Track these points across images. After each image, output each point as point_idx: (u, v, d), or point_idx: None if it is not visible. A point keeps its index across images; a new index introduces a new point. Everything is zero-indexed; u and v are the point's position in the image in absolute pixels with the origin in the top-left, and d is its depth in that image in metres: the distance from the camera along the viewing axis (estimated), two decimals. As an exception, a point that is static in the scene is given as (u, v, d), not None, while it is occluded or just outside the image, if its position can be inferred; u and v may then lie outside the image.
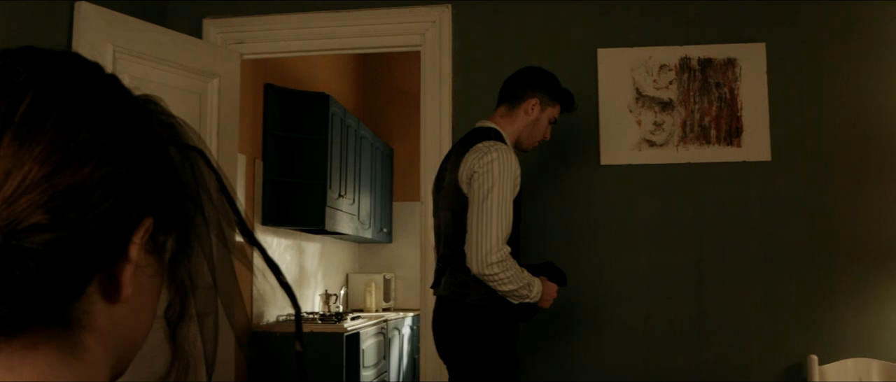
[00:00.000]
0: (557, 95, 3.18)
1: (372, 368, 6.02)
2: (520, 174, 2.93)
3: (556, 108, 3.19)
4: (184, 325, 0.82)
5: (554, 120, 3.19)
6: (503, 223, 2.82)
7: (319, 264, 6.65)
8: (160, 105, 0.79)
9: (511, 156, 2.90)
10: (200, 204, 0.81)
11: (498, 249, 2.80)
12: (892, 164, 3.91)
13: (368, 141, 6.91)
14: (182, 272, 0.80)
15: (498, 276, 2.81)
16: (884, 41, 3.96)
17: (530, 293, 2.90)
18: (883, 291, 3.86)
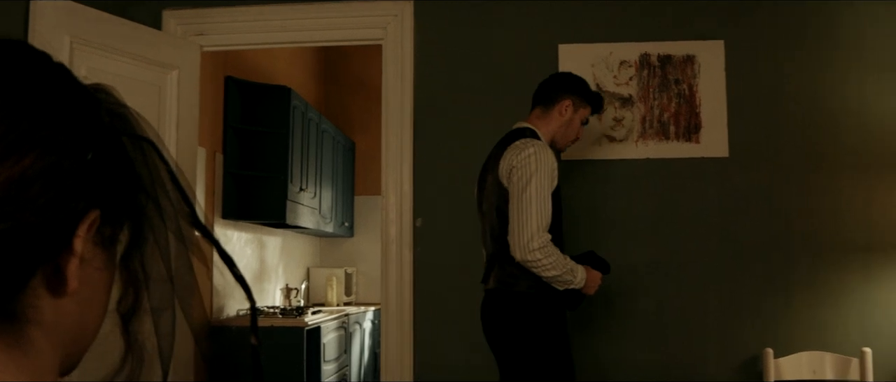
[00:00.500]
0: (589, 98, 3.33)
1: (333, 362, 6.01)
2: (557, 168, 3.08)
3: (588, 110, 3.33)
4: (137, 319, 0.80)
5: (585, 120, 3.34)
6: (543, 212, 2.97)
7: (280, 258, 6.62)
8: (111, 94, 0.77)
9: (548, 151, 3.07)
10: (154, 195, 0.79)
11: (539, 236, 2.94)
12: (846, 162, 3.97)
13: (330, 134, 6.88)
14: (135, 264, 0.78)
15: (541, 262, 2.95)
16: (839, 40, 4.02)
17: (574, 278, 3.04)
18: (836, 286, 3.92)
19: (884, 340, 3.84)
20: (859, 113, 4.00)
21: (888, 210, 3.95)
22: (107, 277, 0.75)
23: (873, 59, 4.01)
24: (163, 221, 0.81)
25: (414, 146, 4.05)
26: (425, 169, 4.05)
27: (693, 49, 3.98)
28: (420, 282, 4.01)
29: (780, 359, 3.72)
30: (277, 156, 5.66)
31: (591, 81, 3.97)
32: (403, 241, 4.00)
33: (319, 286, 7.33)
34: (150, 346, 0.83)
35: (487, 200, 3.23)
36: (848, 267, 3.93)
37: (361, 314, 6.97)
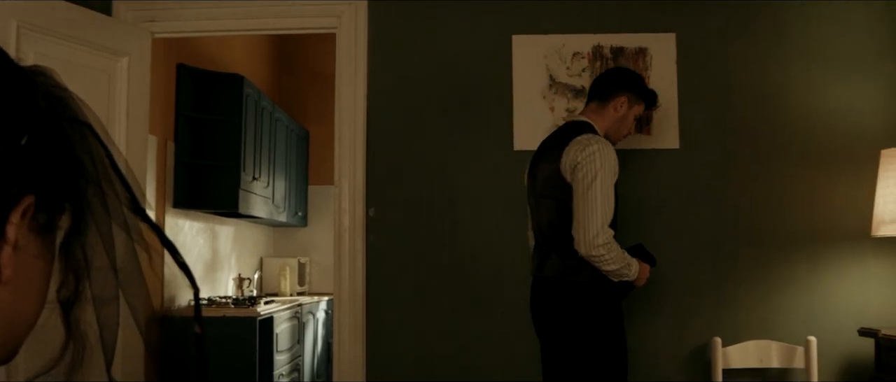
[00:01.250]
0: (643, 94, 3.39)
1: (286, 352, 5.98)
2: (617, 163, 3.16)
3: (642, 106, 3.41)
4: (79, 307, 0.79)
5: (638, 116, 3.41)
6: (607, 209, 3.08)
7: (233, 248, 6.57)
8: (51, 77, 0.75)
9: (609, 147, 3.16)
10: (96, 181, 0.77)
11: (603, 232, 3.06)
12: (793, 155, 4.05)
13: (283, 123, 6.84)
14: (76, 252, 0.76)
15: (604, 257, 3.07)
16: (788, 36, 4.09)
17: (630, 272, 3.15)
18: (782, 276, 4.00)
19: (828, 329, 3.93)
20: (805, 107, 4.07)
21: (833, 202, 4.03)
22: (44, 265, 0.73)
23: (819, 54, 4.09)
24: (106, 208, 0.79)
25: (367, 135, 4.05)
26: (378, 158, 4.05)
27: (645, 41, 4.02)
28: (373, 272, 4.01)
29: (727, 348, 3.78)
30: (230, 144, 5.60)
31: (544, 72, 4.00)
32: (356, 231, 4.00)
33: (272, 276, 7.29)
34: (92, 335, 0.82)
35: (542, 190, 3.32)
36: (794, 258, 4.01)
37: (315, 304, 6.95)
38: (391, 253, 4.02)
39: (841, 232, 4.02)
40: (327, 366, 7.09)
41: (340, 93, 4.08)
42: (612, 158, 3.13)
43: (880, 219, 3.62)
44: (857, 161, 4.01)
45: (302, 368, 6.48)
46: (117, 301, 0.85)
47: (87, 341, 0.81)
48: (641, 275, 3.24)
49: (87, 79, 3.78)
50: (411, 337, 3.99)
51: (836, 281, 4.02)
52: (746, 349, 3.80)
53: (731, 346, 3.79)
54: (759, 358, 3.80)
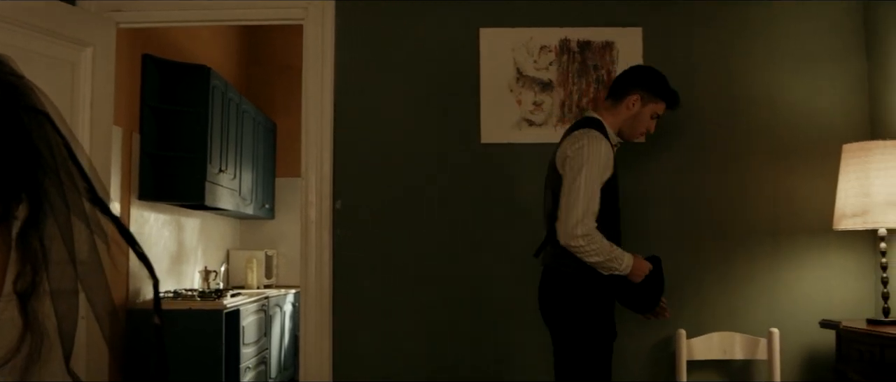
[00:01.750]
0: (659, 93, 3.38)
1: (252, 345, 5.96)
2: (611, 161, 3.22)
3: (660, 104, 3.39)
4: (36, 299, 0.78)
5: (657, 114, 3.40)
6: (589, 201, 3.13)
7: (199, 240, 6.53)
8: (6, 64, 0.74)
9: (601, 143, 3.21)
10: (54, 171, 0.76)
11: (582, 224, 3.10)
12: (757, 149, 4.09)
13: (250, 115, 6.80)
14: (33, 242, 0.75)
15: (583, 249, 3.12)
16: (753, 31, 4.13)
17: (619, 266, 3.18)
18: (746, 269, 4.05)
19: (790, 321, 3.98)
20: (769, 101, 4.11)
21: (796, 196, 4.08)
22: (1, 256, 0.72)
23: (783, 49, 4.13)
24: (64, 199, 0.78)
25: (334, 128, 4.03)
26: (346, 151, 4.04)
27: (612, 35, 4.05)
28: (340, 265, 4.00)
29: (692, 340, 3.82)
30: (196, 136, 5.57)
31: (511, 65, 4.01)
32: (323, 223, 3.99)
33: (239, 268, 7.25)
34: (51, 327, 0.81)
35: (546, 182, 3.44)
36: (757, 251, 4.06)
37: (282, 296, 6.93)
38: (358, 246, 4.02)
39: (803, 225, 4.07)
40: (294, 359, 7.07)
41: (307, 85, 4.06)
42: (601, 153, 3.19)
43: (841, 213, 3.66)
44: (819, 155, 4.06)
45: (269, 361, 6.46)
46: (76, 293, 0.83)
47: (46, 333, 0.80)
48: (637, 271, 3.24)
49: (50, 69, 3.74)
50: (378, 330, 3.99)
51: (799, 274, 4.07)
52: (710, 341, 3.84)
53: (696, 338, 3.83)
54: (723, 350, 3.85)
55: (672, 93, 3.41)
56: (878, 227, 3.57)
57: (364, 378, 3.97)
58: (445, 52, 4.07)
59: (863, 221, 3.57)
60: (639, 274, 3.26)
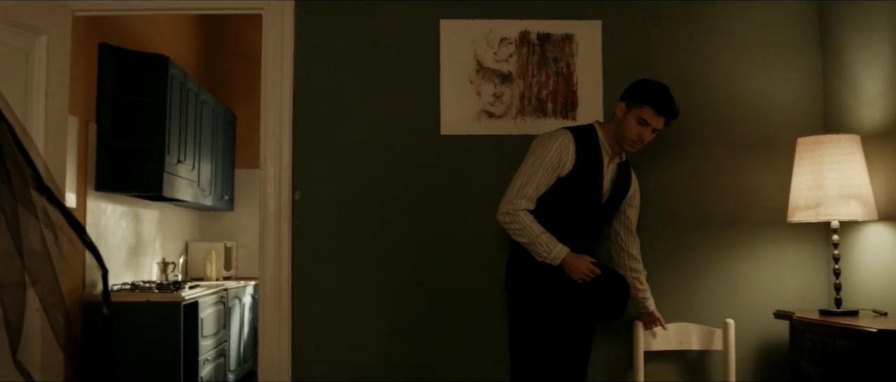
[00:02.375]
0: (641, 97, 3.46)
1: (211, 338, 5.92)
2: (569, 159, 3.42)
3: (644, 109, 3.44)
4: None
5: (643, 120, 3.43)
6: (527, 184, 3.40)
7: (157, 232, 6.46)
8: None
9: (556, 139, 3.44)
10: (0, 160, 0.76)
11: (511, 202, 3.41)
12: (714, 141, 4.14)
13: (210, 106, 6.74)
14: None
15: (508, 225, 3.42)
16: (710, 25, 4.18)
17: (547, 254, 3.38)
18: (702, 260, 4.10)
19: (745, 312, 4.04)
20: (726, 95, 4.16)
21: (752, 189, 4.14)
22: None
23: (740, 44, 4.18)
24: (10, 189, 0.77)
25: (293, 118, 4.01)
26: (305, 141, 4.02)
27: (571, 28, 4.07)
28: (299, 256, 3.99)
29: (649, 331, 3.85)
30: (154, 126, 5.51)
31: (471, 57, 4.01)
32: (282, 214, 3.97)
33: (198, 260, 7.19)
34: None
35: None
36: (713, 242, 4.11)
37: (241, 288, 6.89)
38: (318, 237, 4.00)
39: (759, 217, 4.12)
40: (254, 351, 7.03)
41: (267, 75, 4.04)
42: (552, 147, 3.41)
43: (795, 206, 3.72)
44: (774, 148, 4.12)
45: (228, 353, 6.42)
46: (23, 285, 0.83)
47: (-7, 323, 0.79)
48: (572, 266, 3.40)
49: (3, 56, 3.68)
50: (337, 321, 3.98)
51: (754, 266, 4.13)
52: (667, 332, 3.88)
53: (653, 329, 3.86)
54: (680, 341, 3.89)
55: (655, 98, 3.44)
56: (831, 220, 3.63)
57: (323, 370, 3.96)
58: (406, 43, 4.07)
59: (816, 214, 3.62)
60: (573, 270, 3.40)
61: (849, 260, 3.95)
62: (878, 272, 3.76)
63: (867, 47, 3.84)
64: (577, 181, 3.44)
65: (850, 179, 3.58)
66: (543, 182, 3.42)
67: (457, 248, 4.02)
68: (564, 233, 3.41)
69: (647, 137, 3.48)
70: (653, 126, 3.45)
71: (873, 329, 3.12)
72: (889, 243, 3.68)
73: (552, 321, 3.43)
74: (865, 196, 3.60)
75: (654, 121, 3.44)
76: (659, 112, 3.43)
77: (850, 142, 3.65)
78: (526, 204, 3.41)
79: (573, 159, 3.42)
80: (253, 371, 7.05)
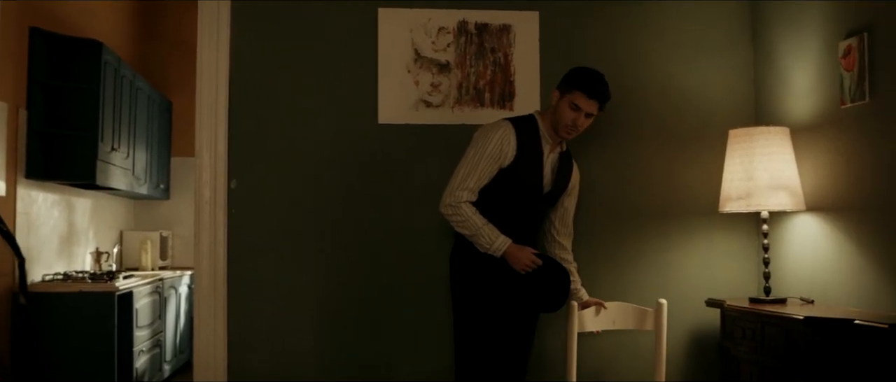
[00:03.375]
0: (573, 83, 3.46)
1: (146, 328, 5.84)
2: (510, 149, 3.43)
3: (576, 94, 3.43)
4: None
5: (576, 106, 3.43)
6: (466, 176, 3.41)
7: (90, 221, 6.35)
8: None
9: (496, 131, 3.45)
10: None
11: (452, 194, 3.42)
12: (649, 133, 4.20)
13: (145, 92, 6.63)
14: None
15: (450, 217, 3.43)
16: (647, 20, 4.24)
17: (489, 246, 3.39)
18: (636, 249, 4.17)
19: (678, 299, 4.11)
20: (662, 87, 4.22)
21: (685, 179, 4.21)
22: None
23: (674, 38, 4.25)
24: None
25: (229, 106, 3.96)
26: (241, 129, 3.97)
27: (509, 19, 4.09)
28: (234, 245, 3.95)
29: (584, 311, 3.85)
30: (87, 113, 5.40)
31: (409, 46, 4.00)
32: (217, 203, 3.92)
33: (133, 250, 7.08)
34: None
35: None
36: (647, 231, 4.18)
37: (177, 278, 6.80)
38: (254, 227, 3.97)
39: (691, 207, 4.20)
40: (190, 342, 6.95)
41: (202, 62, 3.98)
42: (493, 139, 3.43)
43: (727, 196, 3.79)
44: (707, 140, 4.19)
45: (163, 344, 6.34)
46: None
47: None
48: (514, 258, 3.41)
49: (-72, 40, 3.58)
50: (274, 312, 3.95)
51: (687, 255, 4.20)
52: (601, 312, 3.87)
53: (589, 309, 3.86)
54: (613, 320, 3.87)
55: (586, 81, 3.45)
56: (761, 210, 3.71)
57: (260, 360, 3.94)
58: (343, 32, 4.04)
59: (746, 204, 3.70)
60: (515, 261, 3.41)
61: (778, 249, 4.04)
62: (805, 261, 3.86)
63: (796, 43, 3.93)
64: (519, 172, 3.46)
65: (779, 170, 3.66)
66: (485, 173, 3.43)
67: (395, 238, 4.02)
68: (507, 224, 3.43)
69: (582, 122, 3.47)
70: (585, 110, 3.44)
71: (800, 317, 3.19)
72: (816, 232, 3.78)
73: (495, 311, 3.44)
74: (794, 187, 3.69)
75: (586, 106, 3.43)
76: (590, 95, 3.43)
77: (780, 135, 3.74)
78: (468, 195, 3.42)
79: (514, 150, 3.44)
80: (190, 362, 6.96)
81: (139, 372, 5.66)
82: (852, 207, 3.53)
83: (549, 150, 3.55)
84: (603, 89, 3.48)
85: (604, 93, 3.48)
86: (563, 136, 3.53)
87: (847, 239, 3.57)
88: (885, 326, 2.83)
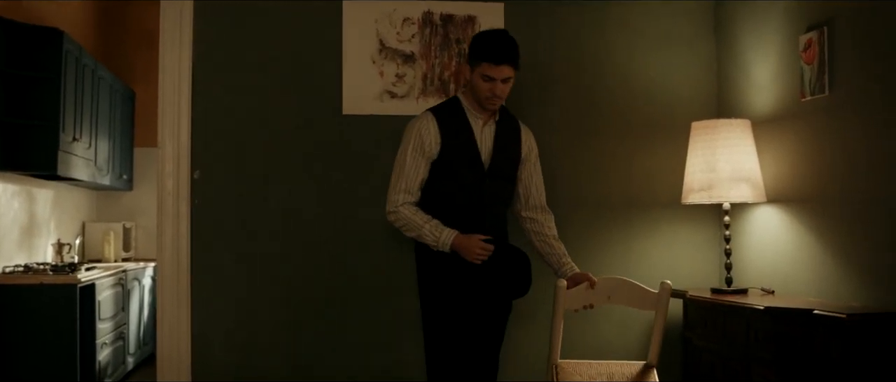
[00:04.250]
0: (477, 55, 3.33)
1: (109, 321, 5.78)
2: (433, 138, 3.34)
3: (483, 65, 3.29)
4: None
5: (489, 76, 3.28)
6: (401, 178, 3.36)
7: (52, 212, 6.27)
8: None
9: (416, 124, 3.39)
10: None
11: (390, 201, 3.38)
12: (613, 125, 4.23)
13: (107, 82, 6.55)
14: None
15: (394, 224, 3.39)
16: (612, 12, 4.26)
17: (435, 242, 3.31)
18: (600, 239, 4.20)
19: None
20: (626, 80, 4.25)
21: (649, 171, 4.24)
22: None
23: (639, 30, 4.28)
24: None
25: (192, 96, 3.93)
26: (205, 120, 3.94)
27: (474, 10, 4.09)
28: (198, 236, 3.92)
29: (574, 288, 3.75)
30: (48, 103, 5.32)
31: (374, 37, 4.00)
32: (180, 194, 3.89)
33: (96, 241, 7.00)
34: None
35: None
36: (611, 222, 4.21)
37: (141, 270, 6.73)
38: (217, 218, 3.94)
39: (655, 199, 4.23)
40: (154, 334, 6.89)
41: (165, 51, 3.94)
42: (412, 134, 3.37)
43: (689, 187, 3.83)
44: (670, 132, 4.23)
45: (127, 336, 6.28)
46: None
47: None
48: (462, 248, 3.29)
49: None
50: (237, 303, 3.94)
51: (650, 246, 4.24)
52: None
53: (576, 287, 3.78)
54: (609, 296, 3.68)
55: (487, 49, 3.29)
56: (723, 201, 3.75)
57: (223, 352, 3.92)
58: (308, 22, 4.02)
59: (709, 196, 3.74)
60: (465, 252, 3.29)
61: (739, 240, 4.09)
62: (766, 251, 3.91)
63: (758, 37, 3.97)
64: (452, 155, 3.36)
65: (741, 162, 3.71)
66: (414, 170, 3.36)
67: (359, 228, 4.01)
68: (458, 213, 3.35)
69: (500, 90, 3.31)
70: (499, 77, 3.28)
71: (761, 307, 3.24)
72: (777, 224, 3.82)
73: (459, 305, 3.38)
74: (755, 179, 3.73)
75: (496, 73, 3.26)
76: (497, 62, 3.26)
77: (742, 127, 3.78)
78: (404, 197, 3.35)
79: (437, 136, 3.35)
80: (154, 355, 6.88)
81: (102, 365, 5.61)
82: (812, 199, 3.58)
83: (481, 125, 3.42)
84: (509, 52, 3.29)
85: (511, 55, 3.29)
86: (488, 109, 3.39)
87: (807, 231, 3.61)
88: (843, 316, 2.88)
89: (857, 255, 3.31)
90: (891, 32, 3.14)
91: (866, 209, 3.25)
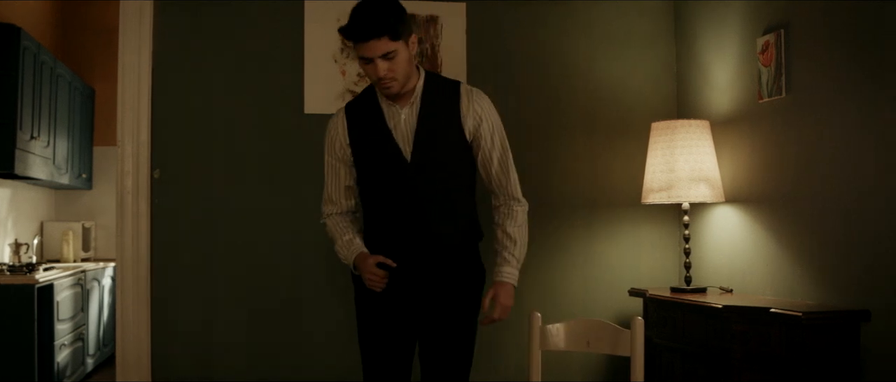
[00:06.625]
0: (346, 38, 2.83)
1: (68, 321, 5.72)
2: (341, 135, 3.02)
3: (356, 48, 2.79)
4: None
5: (366, 58, 2.76)
6: (325, 187, 3.11)
7: (9, 212, 6.19)
8: None
9: (329, 124, 3.08)
10: None
11: (322, 212, 3.15)
12: (575, 125, 4.26)
13: (66, 80, 6.48)
14: None
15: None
16: (572, 13, 4.28)
17: (343, 260, 3.05)
18: (561, 240, 4.22)
19: (602, 289, 4.20)
20: (587, 79, 4.28)
21: (609, 171, 4.27)
22: None
23: (599, 31, 4.31)
24: None
25: (152, 94, 3.89)
26: (165, 118, 3.91)
27: (436, 10, 4.09)
28: (158, 236, 3.89)
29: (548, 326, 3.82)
30: (5, 101, 5.26)
31: (336, 36, 3.96)
32: (140, 193, 3.85)
33: (54, 241, 6.92)
34: None
35: None
36: (572, 222, 4.23)
37: (100, 270, 6.67)
38: (177, 217, 3.91)
39: (615, 199, 4.27)
40: (114, 334, 6.83)
41: (124, 48, 3.90)
42: (325, 140, 3.07)
43: (649, 188, 3.86)
44: (631, 132, 4.27)
45: (86, 337, 6.22)
46: None
47: None
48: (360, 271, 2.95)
49: None
50: (198, 303, 3.91)
51: (610, 245, 4.27)
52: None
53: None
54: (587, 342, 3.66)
55: (349, 31, 2.77)
56: (682, 201, 3.79)
57: (184, 353, 3.89)
58: (269, 22, 4.00)
59: (668, 196, 3.77)
60: (364, 276, 2.92)
61: (698, 240, 4.13)
62: (724, 251, 3.96)
63: (717, 38, 4.02)
64: (367, 153, 2.97)
65: (699, 163, 3.75)
66: (335, 177, 3.06)
67: (321, 228, 3.98)
68: (391, 217, 2.96)
69: (384, 68, 2.76)
70: (374, 55, 2.74)
71: (719, 305, 3.28)
72: (735, 224, 3.87)
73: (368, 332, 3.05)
74: (714, 179, 3.78)
75: (367, 51, 2.74)
76: (365, 40, 2.72)
77: (701, 128, 3.82)
78: (328, 208, 3.10)
79: (346, 137, 2.99)
80: (114, 356, 6.83)
81: (61, 367, 5.55)
82: (769, 199, 3.63)
83: (400, 110, 2.92)
84: (372, 23, 2.71)
85: (376, 27, 2.70)
86: (385, 93, 2.87)
87: (764, 230, 3.67)
88: (799, 314, 2.94)
89: (811, 255, 3.36)
90: (846, 36, 3.19)
91: (821, 209, 3.30)
